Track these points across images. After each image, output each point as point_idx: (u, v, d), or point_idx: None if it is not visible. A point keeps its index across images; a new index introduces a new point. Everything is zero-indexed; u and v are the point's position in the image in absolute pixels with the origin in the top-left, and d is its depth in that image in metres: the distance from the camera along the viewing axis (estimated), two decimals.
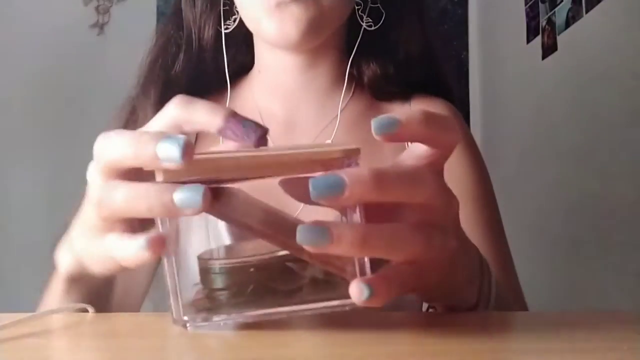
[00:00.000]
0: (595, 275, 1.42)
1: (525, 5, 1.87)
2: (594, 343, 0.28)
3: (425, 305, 0.42)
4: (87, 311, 0.38)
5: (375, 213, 0.30)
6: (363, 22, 0.61)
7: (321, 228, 0.27)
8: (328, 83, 0.63)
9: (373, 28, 0.61)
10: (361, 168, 0.29)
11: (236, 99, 0.65)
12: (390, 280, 0.29)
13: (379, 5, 0.62)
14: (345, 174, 0.27)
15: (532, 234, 1.68)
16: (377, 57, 0.63)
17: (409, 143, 0.33)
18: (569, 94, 1.58)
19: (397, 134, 0.30)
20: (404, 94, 0.65)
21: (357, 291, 0.27)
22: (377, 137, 0.30)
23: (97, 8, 2.05)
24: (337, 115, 0.62)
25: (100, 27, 2.04)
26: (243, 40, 0.65)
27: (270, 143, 0.60)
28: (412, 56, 0.64)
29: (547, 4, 1.73)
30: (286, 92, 0.63)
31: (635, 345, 0.28)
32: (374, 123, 0.30)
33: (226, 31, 0.62)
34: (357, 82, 0.64)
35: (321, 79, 0.63)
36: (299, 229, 0.27)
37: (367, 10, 0.61)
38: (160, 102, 0.61)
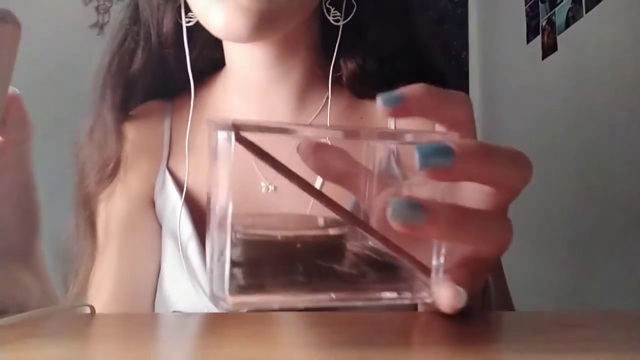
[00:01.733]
0: (595, 275, 1.42)
1: (525, 5, 1.87)
2: (594, 343, 0.28)
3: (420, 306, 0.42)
4: (87, 311, 0.38)
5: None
6: (330, 16, 0.55)
7: (417, 203, 0.23)
8: (302, 81, 0.58)
9: (341, 23, 0.55)
10: (468, 139, 0.26)
11: (208, 100, 0.62)
12: (469, 281, 0.25)
13: None
14: (452, 143, 0.24)
15: (532, 234, 1.68)
16: (355, 54, 0.58)
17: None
18: (569, 94, 1.58)
19: (402, 108, 0.28)
20: (387, 89, 0.61)
21: (452, 296, 0.24)
22: (384, 113, 0.28)
23: (97, 8, 2.05)
24: (315, 116, 0.59)
25: (100, 27, 2.04)
26: (211, 34, 0.56)
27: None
28: (395, 49, 0.59)
29: (547, 3, 1.73)
30: (258, 90, 0.58)
31: (635, 345, 0.28)
32: (378, 99, 0.28)
33: (188, 24, 0.55)
34: (334, 79, 0.58)
35: (294, 75, 0.58)
36: (393, 203, 0.23)
37: (342, 5, 0.56)
38: (122, 105, 0.59)
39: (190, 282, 0.53)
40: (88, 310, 0.38)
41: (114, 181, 0.58)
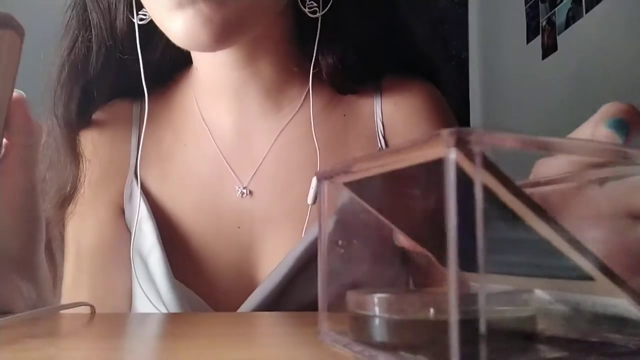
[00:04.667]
0: None
1: (525, 5, 1.87)
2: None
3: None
4: (87, 311, 0.38)
5: None
6: (306, 8, 0.50)
7: None
8: (276, 79, 0.54)
9: (317, 15, 0.51)
10: None
11: (177, 99, 0.58)
12: None
13: None
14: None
15: None
16: (334, 47, 0.53)
17: None
18: (569, 94, 1.58)
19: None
20: (371, 83, 0.56)
21: None
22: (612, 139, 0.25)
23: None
24: (293, 116, 0.55)
25: None
26: None
27: (220, 156, 0.53)
28: (378, 39, 0.55)
29: (547, 4, 1.73)
30: (229, 91, 0.54)
31: None
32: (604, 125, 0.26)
33: (141, 22, 0.50)
34: (313, 76, 0.54)
35: (266, 74, 0.53)
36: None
37: None
38: (78, 117, 0.54)
39: (150, 298, 0.50)
40: (88, 311, 0.38)
41: (74, 201, 0.54)
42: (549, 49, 1.71)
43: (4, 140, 0.38)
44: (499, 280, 0.24)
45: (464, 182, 0.16)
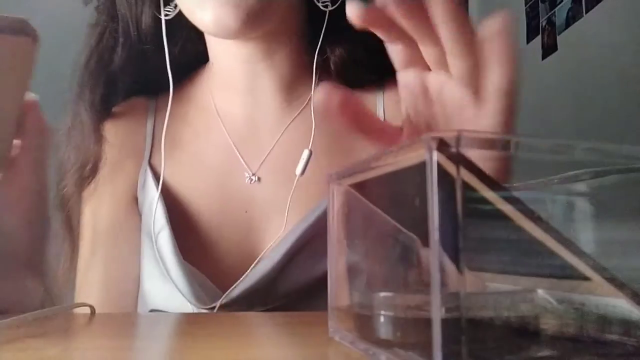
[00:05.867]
0: None
1: (525, 5, 1.87)
2: None
3: None
4: (87, 311, 0.38)
5: None
6: (320, 3, 0.55)
7: None
8: (288, 73, 0.57)
9: (330, 8, 0.55)
10: None
11: (192, 95, 0.61)
12: None
13: None
14: None
15: None
16: (343, 42, 0.57)
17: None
18: (569, 94, 1.58)
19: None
20: (376, 80, 0.60)
21: None
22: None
23: (97, 8, 2.05)
24: (301, 109, 0.58)
25: None
26: (193, 28, 0.54)
27: (231, 145, 0.56)
28: (381, 40, 0.59)
29: (547, 4, 1.73)
30: (244, 85, 0.57)
31: None
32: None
33: (167, 18, 0.55)
34: (323, 71, 0.57)
35: (279, 69, 0.57)
36: None
37: None
38: (101, 104, 0.57)
39: (162, 279, 0.52)
40: (88, 311, 0.38)
41: (94, 182, 0.57)
42: (549, 49, 1.71)
43: (17, 141, 0.38)
44: (502, 280, 0.24)
45: (449, 184, 0.17)
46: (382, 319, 0.22)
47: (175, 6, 0.54)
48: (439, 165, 0.17)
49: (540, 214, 0.21)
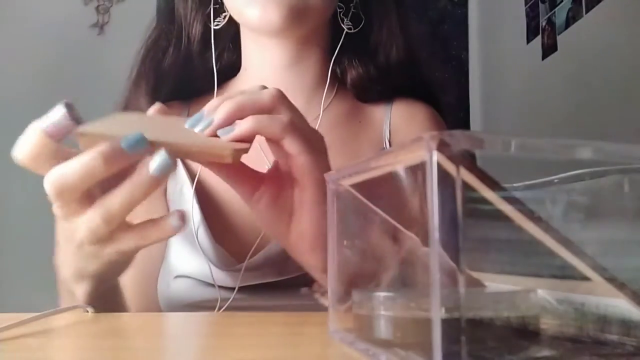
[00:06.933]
0: None
1: (525, 5, 1.87)
2: None
3: None
4: (87, 311, 0.38)
5: None
6: (344, 24, 0.64)
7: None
8: (313, 81, 0.64)
9: (353, 31, 0.64)
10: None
11: None
12: None
13: (359, 12, 0.65)
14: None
15: None
16: (360, 59, 0.65)
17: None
18: (569, 94, 1.58)
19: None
20: (386, 96, 0.67)
21: None
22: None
23: (97, 8, 2.05)
24: (320, 114, 0.62)
25: (100, 27, 2.04)
26: (230, 39, 0.66)
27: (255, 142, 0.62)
28: (392, 60, 0.66)
29: (547, 4, 1.73)
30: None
31: None
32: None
33: (216, 27, 0.63)
34: (340, 83, 0.66)
35: (306, 76, 0.64)
36: None
37: (349, 15, 0.64)
38: (153, 94, 0.63)
39: (196, 252, 0.57)
40: (88, 310, 0.38)
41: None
42: (549, 49, 1.71)
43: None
44: (503, 280, 0.24)
45: (449, 184, 0.17)
46: (382, 319, 0.22)
47: (225, 17, 0.63)
48: (439, 165, 0.17)
49: (540, 214, 0.21)
